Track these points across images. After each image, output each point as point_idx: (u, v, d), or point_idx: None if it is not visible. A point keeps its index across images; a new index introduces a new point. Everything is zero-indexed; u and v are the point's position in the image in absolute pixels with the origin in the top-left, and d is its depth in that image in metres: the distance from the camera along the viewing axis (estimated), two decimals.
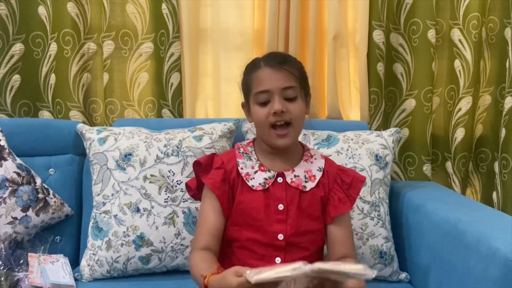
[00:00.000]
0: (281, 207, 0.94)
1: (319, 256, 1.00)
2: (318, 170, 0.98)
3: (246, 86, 0.98)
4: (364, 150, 1.30)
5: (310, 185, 0.97)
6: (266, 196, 0.94)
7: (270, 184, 0.95)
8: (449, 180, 1.61)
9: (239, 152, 0.99)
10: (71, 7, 1.48)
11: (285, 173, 0.96)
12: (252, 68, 0.96)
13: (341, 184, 0.98)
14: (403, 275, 1.26)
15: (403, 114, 1.59)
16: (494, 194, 1.55)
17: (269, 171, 0.96)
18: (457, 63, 1.56)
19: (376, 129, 1.53)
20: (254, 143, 1.01)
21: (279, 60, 0.93)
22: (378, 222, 1.26)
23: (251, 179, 0.95)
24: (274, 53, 0.98)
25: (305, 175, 0.97)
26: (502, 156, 1.50)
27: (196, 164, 1.02)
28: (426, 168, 1.58)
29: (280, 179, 0.96)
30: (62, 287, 1.15)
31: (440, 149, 1.63)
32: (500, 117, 1.53)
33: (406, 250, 1.30)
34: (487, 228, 1.01)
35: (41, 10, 1.50)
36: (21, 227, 1.26)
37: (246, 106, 1.01)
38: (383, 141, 1.33)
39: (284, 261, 0.93)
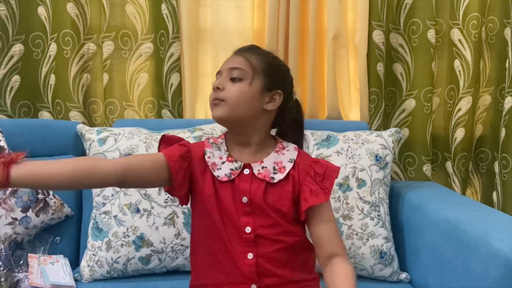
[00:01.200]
0: (245, 199, 0.89)
1: (301, 251, 0.92)
2: (289, 161, 0.92)
3: None
4: (364, 150, 1.30)
5: (278, 177, 0.90)
6: (232, 188, 0.90)
7: (236, 175, 0.90)
8: (449, 180, 1.61)
9: (209, 142, 0.95)
10: (70, 8, 1.48)
11: (252, 164, 0.91)
12: None
13: (313, 176, 0.91)
14: (403, 275, 1.26)
15: (403, 114, 1.59)
16: (494, 194, 1.55)
17: (236, 162, 0.91)
18: (457, 63, 1.56)
19: (376, 129, 1.53)
20: (226, 135, 0.97)
21: (244, 48, 0.94)
22: (378, 222, 1.26)
23: (218, 169, 0.91)
24: (249, 45, 0.98)
25: (274, 166, 0.91)
26: (502, 156, 1.50)
27: (161, 139, 0.96)
28: (426, 168, 1.58)
29: (246, 171, 0.91)
30: (62, 287, 1.15)
31: (440, 149, 1.63)
32: (500, 117, 1.53)
33: (406, 250, 1.30)
34: (487, 228, 1.01)
35: (41, 10, 1.50)
36: (21, 228, 1.26)
37: None
38: (383, 141, 1.33)
39: (257, 257, 0.87)
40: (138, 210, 1.23)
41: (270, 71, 0.92)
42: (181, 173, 0.90)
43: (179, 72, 1.52)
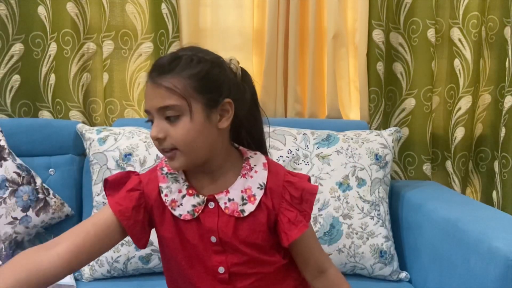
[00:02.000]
0: (213, 239, 0.76)
1: (285, 275, 0.82)
2: (258, 187, 0.77)
3: None
4: (364, 150, 1.30)
5: (249, 208, 0.76)
6: (198, 226, 0.77)
7: (200, 211, 0.76)
8: (449, 180, 1.61)
9: (162, 173, 0.79)
10: (70, 7, 1.48)
11: (216, 196, 0.76)
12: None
13: (290, 200, 0.77)
14: (403, 274, 1.26)
15: (403, 113, 1.59)
16: (494, 193, 1.55)
17: (197, 195, 0.77)
18: (456, 62, 1.56)
19: (376, 129, 1.53)
20: None
21: (158, 71, 0.73)
22: (378, 221, 1.26)
23: (178, 206, 0.77)
24: (162, 58, 0.75)
25: (243, 195, 0.77)
26: (502, 155, 1.50)
27: (105, 183, 0.81)
28: (426, 168, 1.58)
29: (211, 204, 0.77)
30: (63, 287, 1.15)
31: (440, 149, 1.63)
32: (500, 116, 1.53)
33: (406, 249, 1.30)
34: (487, 227, 1.01)
35: (41, 10, 1.50)
36: (21, 227, 1.26)
37: None
38: (383, 140, 1.33)
39: None
40: None
41: (205, 85, 0.73)
42: (137, 227, 0.78)
43: None
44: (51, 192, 1.33)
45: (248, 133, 0.82)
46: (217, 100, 0.74)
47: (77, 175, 1.41)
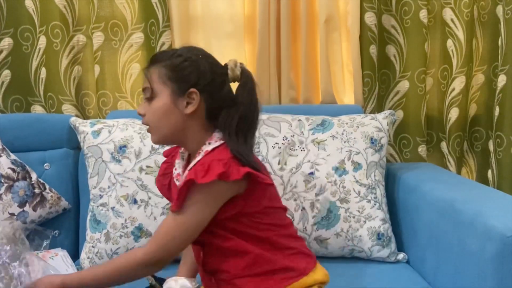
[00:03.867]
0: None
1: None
2: (189, 168, 0.87)
3: None
4: (359, 134, 1.30)
5: (179, 185, 0.88)
6: None
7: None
8: (444, 160, 1.61)
9: (180, 152, 0.98)
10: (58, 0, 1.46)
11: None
12: None
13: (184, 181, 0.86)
14: (401, 256, 1.27)
15: (397, 96, 1.59)
16: (489, 172, 1.56)
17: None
18: (449, 43, 1.56)
19: (370, 112, 1.53)
20: None
21: (150, 61, 0.90)
22: (375, 204, 1.26)
23: (179, 179, 0.94)
24: (157, 52, 0.95)
25: (185, 173, 0.88)
26: (496, 135, 1.50)
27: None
28: (421, 149, 1.58)
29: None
30: None
31: (435, 130, 1.63)
32: (493, 95, 1.53)
33: (403, 231, 1.31)
34: (483, 206, 1.02)
35: (28, 3, 1.48)
36: (19, 223, 1.25)
37: None
38: (377, 124, 1.33)
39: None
40: (135, 201, 1.23)
41: (174, 75, 0.86)
42: (164, 189, 1.00)
43: None
44: (47, 186, 1.32)
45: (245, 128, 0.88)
46: (184, 89, 0.86)
47: (73, 168, 1.40)
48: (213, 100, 0.87)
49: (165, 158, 1.04)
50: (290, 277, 0.90)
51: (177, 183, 0.93)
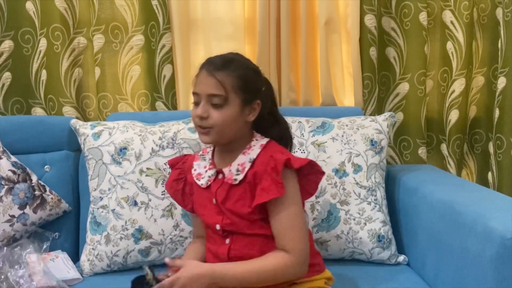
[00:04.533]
0: (214, 201, 0.99)
1: (267, 239, 0.96)
2: (249, 161, 0.96)
3: None
4: (359, 136, 1.30)
5: (240, 177, 0.96)
6: (208, 192, 1.00)
7: (212, 181, 1.00)
8: (444, 162, 1.62)
9: (198, 155, 1.06)
10: (59, 2, 1.46)
11: (223, 169, 0.98)
12: (198, 68, 1.00)
13: (270, 171, 0.92)
14: (401, 258, 1.27)
15: (397, 98, 1.59)
16: (490, 174, 1.56)
17: (212, 169, 1.01)
18: (449, 45, 1.56)
19: (370, 114, 1.54)
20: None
21: (215, 67, 0.94)
22: (375, 206, 1.26)
23: (202, 178, 1.01)
24: (217, 57, 0.97)
25: (238, 168, 0.96)
26: (497, 137, 1.51)
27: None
28: (421, 151, 1.59)
29: (220, 175, 0.99)
30: (69, 281, 1.15)
31: (435, 132, 1.63)
32: (493, 97, 1.53)
33: (403, 233, 1.31)
34: (483, 208, 1.01)
35: (29, 5, 1.48)
36: (19, 225, 1.25)
37: None
38: (377, 126, 1.33)
39: (232, 242, 0.97)
40: (135, 203, 1.23)
41: (246, 87, 0.95)
42: (179, 195, 1.05)
43: (171, 64, 1.51)
44: (47, 189, 1.32)
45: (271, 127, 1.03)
46: (251, 100, 0.96)
47: (73, 171, 1.40)
48: (264, 108, 0.99)
49: (168, 165, 1.11)
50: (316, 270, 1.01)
51: (199, 182, 1.01)
